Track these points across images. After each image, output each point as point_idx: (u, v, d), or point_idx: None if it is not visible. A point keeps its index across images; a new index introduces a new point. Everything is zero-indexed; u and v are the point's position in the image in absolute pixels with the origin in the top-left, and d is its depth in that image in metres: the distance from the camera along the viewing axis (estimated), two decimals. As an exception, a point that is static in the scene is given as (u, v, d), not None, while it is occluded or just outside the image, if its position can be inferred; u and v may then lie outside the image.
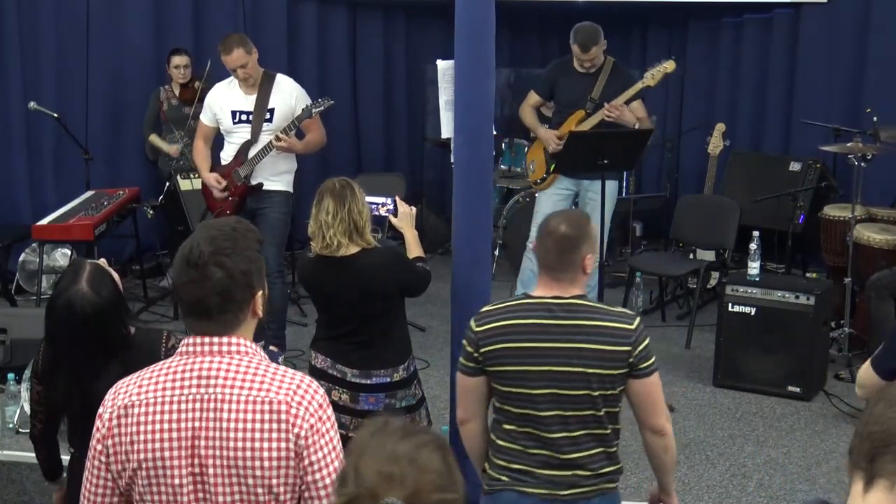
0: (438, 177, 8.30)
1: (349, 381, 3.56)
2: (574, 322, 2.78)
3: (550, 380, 2.77)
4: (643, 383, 2.81)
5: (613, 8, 7.61)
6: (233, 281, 2.04)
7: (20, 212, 7.04)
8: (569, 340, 2.77)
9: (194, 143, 5.81)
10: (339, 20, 8.20)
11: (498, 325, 2.84)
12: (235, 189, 5.52)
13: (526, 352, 2.79)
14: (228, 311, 2.06)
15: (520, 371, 2.80)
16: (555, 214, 2.97)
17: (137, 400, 2.06)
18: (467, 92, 3.79)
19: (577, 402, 2.78)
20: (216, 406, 2.02)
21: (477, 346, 2.86)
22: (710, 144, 6.82)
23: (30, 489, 4.47)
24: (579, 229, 2.84)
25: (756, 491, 4.31)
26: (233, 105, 5.50)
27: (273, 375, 2.05)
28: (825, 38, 7.16)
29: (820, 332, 5.31)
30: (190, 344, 2.08)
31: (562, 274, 2.81)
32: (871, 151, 5.53)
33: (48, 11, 7.05)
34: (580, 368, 2.76)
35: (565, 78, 5.99)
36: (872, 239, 5.69)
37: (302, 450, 2.02)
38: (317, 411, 2.04)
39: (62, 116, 6.61)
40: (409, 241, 3.81)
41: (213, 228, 2.11)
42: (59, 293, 2.76)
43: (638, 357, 2.78)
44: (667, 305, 6.60)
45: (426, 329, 6.14)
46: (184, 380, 2.05)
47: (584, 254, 2.82)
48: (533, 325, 2.80)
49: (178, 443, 2.03)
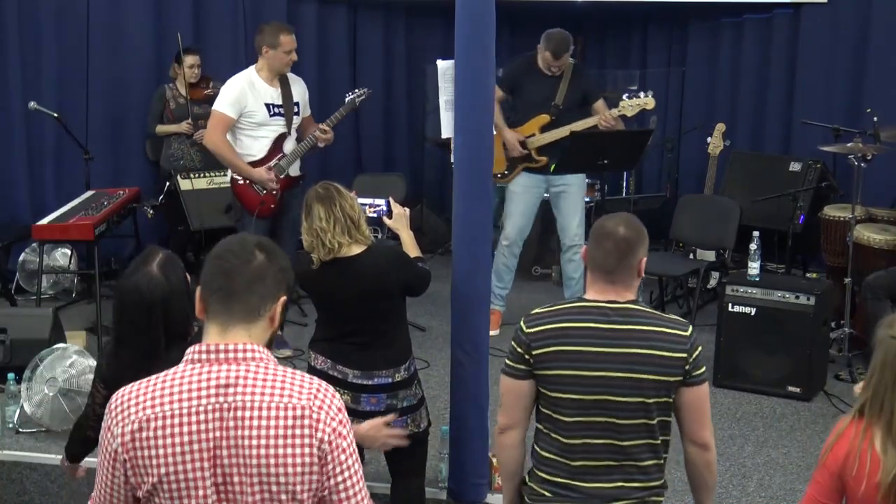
0: (438, 177, 8.31)
1: (350, 382, 3.55)
2: (630, 327, 2.72)
3: (605, 386, 2.70)
4: (695, 391, 2.75)
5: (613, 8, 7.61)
6: (271, 267, 2.08)
7: (20, 212, 7.04)
8: (625, 346, 2.70)
9: (218, 139, 5.49)
10: (340, 20, 8.21)
11: (551, 327, 2.76)
12: (281, 182, 5.57)
13: (581, 356, 2.72)
14: (255, 294, 2.05)
15: (573, 376, 2.72)
16: (610, 217, 2.86)
17: (153, 413, 2.02)
18: (467, 92, 3.80)
19: (630, 409, 2.71)
20: (239, 414, 2.00)
21: (528, 348, 2.77)
22: (710, 144, 6.83)
23: (30, 489, 4.47)
24: (638, 232, 2.78)
25: (756, 491, 4.31)
26: (265, 98, 5.52)
27: (292, 380, 2.05)
28: (825, 38, 7.16)
29: (820, 332, 5.31)
30: (202, 351, 2.06)
31: (618, 278, 2.76)
32: (871, 151, 5.53)
33: (48, 11, 7.04)
34: (636, 374, 2.69)
35: (529, 78, 6.05)
36: (872, 239, 5.69)
37: (326, 454, 2.02)
38: (337, 415, 2.05)
39: (62, 116, 6.61)
40: (406, 242, 3.80)
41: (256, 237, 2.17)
42: (129, 275, 2.81)
43: (693, 364, 2.73)
44: (667, 305, 6.59)
45: (426, 329, 6.14)
46: (201, 389, 2.02)
47: (641, 257, 2.78)
48: (588, 329, 2.73)
49: (200, 454, 2.01)
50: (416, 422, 3.67)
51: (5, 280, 6.66)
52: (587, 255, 2.82)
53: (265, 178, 5.51)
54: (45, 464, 4.45)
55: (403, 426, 3.61)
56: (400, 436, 3.33)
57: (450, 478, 4.08)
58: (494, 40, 3.80)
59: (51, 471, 4.45)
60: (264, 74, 5.55)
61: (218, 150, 5.55)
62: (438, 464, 4.20)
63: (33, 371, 4.69)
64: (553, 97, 5.98)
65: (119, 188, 6.72)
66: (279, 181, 5.54)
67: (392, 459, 3.77)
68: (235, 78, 5.60)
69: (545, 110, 6.00)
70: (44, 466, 4.45)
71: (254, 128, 5.52)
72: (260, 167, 5.53)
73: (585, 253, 2.84)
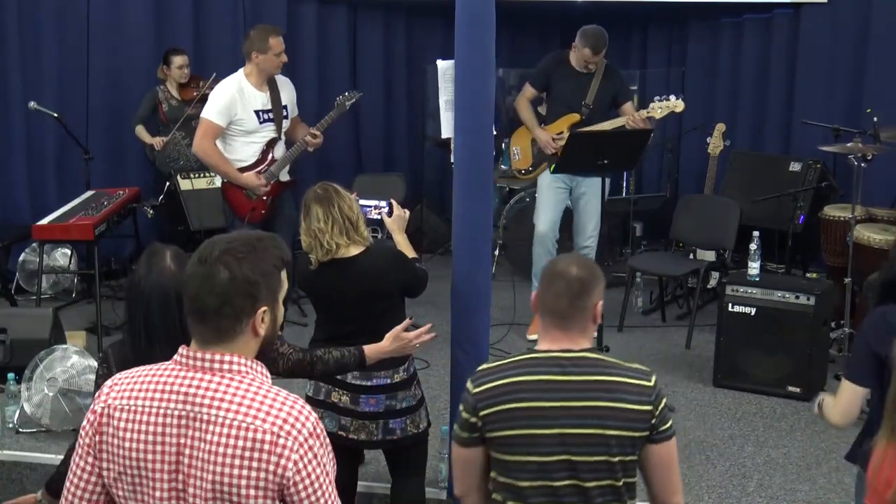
0: (438, 177, 8.30)
1: (349, 383, 3.55)
2: (588, 378, 2.47)
3: (564, 444, 2.45)
4: (663, 448, 2.51)
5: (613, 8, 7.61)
6: (234, 285, 1.98)
7: (20, 212, 7.05)
8: (584, 398, 2.45)
9: (208, 147, 5.49)
10: (340, 20, 8.20)
11: (499, 383, 2.50)
12: (271, 188, 5.53)
13: (535, 412, 2.46)
14: (224, 317, 1.99)
15: (528, 435, 2.46)
16: (562, 257, 2.72)
17: (126, 404, 2.03)
18: (467, 92, 3.79)
19: (595, 469, 2.46)
20: (201, 426, 1.97)
21: (474, 411, 2.51)
22: (710, 144, 6.83)
23: (30, 489, 4.45)
24: (591, 272, 2.55)
25: (756, 491, 4.31)
26: (254, 104, 5.50)
27: (263, 400, 1.97)
28: (825, 38, 7.16)
29: (820, 332, 5.31)
30: (185, 355, 2.04)
31: (571, 323, 2.51)
32: (871, 151, 5.53)
33: (49, 11, 7.05)
34: (598, 430, 2.45)
35: (562, 75, 6.01)
36: (872, 239, 5.69)
37: (289, 482, 1.95)
38: (305, 443, 1.96)
39: (62, 116, 6.62)
40: (400, 244, 3.79)
41: (238, 235, 2.07)
42: (145, 272, 2.67)
43: (660, 419, 2.49)
44: (667, 305, 6.60)
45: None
46: (171, 392, 2.01)
47: (596, 301, 2.54)
48: (541, 382, 2.47)
49: (162, 456, 2.00)
50: (415, 422, 3.66)
51: (5, 280, 6.66)
52: (537, 299, 2.58)
53: (255, 185, 5.49)
54: (45, 464, 4.45)
55: (402, 427, 3.61)
56: (425, 332, 3.23)
57: (450, 478, 4.08)
58: (494, 40, 3.80)
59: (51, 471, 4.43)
60: (253, 79, 5.51)
61: (207, 158, 5.54)
62: (438, 464, 4.21)
63: (33, 371, 4.69)
64: (584, 96, 5.94)
65: (119, 188, 6.72)
66: (269, 187, 5.52)
67: (392, 460, 3.77)
68: (224, 84, 5.57)
69: (576, 109, 5.96)
70: (44, 466, 4.45)
71: (244, 134, 5.52)
72: (250, 173, 5.51)
73: (535, 299, 2.59)
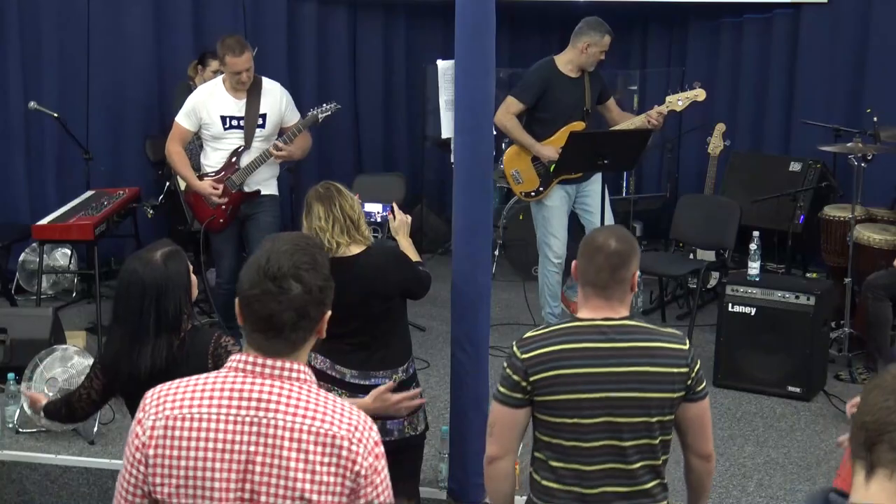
0: (438, 177, 8.30)
1: (348, 382, 3.55)
2: (630, 344, 2.61)
3: (608, 407, 2.59)
4: (699, 406, 2.68)
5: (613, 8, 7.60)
6: (310, 297, 2.00)
7: (20, 212, 7.04)
8: (626, 364, 2.59)
9: (173, 149, 5.45)
10: (340, 20, 8.20)
11: (547, 349, 2.62)
12: (231, 197, 5.46)
13: (580, 378, 2.59)
14: (300, 329, 2.00)
15: (573, 399, 2.60)
16: (600, 230, 2.81)
17: (188, 413, 1.98)
18: (467, 92, 3.80)
19: (634, 430, 2.60)
20: (274, 433, 1.96)
21: (525, 375, 2.62)
22: (710, 144, 6.82)
23: (30, 489, 4.47)
24: (630, 244, 2.66)
25: (756, 491, 4.31)
26: (222, 110, 5.36)
27: (333, 407, 2.00)
28: (825, 38, 7.16)
29: (820, 332, 5.31)
30: (247, 362, 2.01)
31: (612, 293, 2.64)
32: (871, 151, 5.54)
33: (49, 11, 7.05)
34: (639, 394, 2.59)
35: (558, 85, 5.66)
36: (872, 239, 5.69)
37: (360, 487, 1.98)
38: (374, 448, 2.01)
39: (62, 116, 6.61)
40: (405, 248, 3.79)
41: (288, 242, 2.06)
42: (134, 258, 2.89)
43: (696, 379, 2.65)
44: (667, 305, 6.59)
45: (426, 329, 6.14)
46: (241, 399, 1.98)
47: (634, 270, 2.66)
48: (586, 350, 2.61)
49: (229, 464, 1.96)
50: (413, 424, 3.65)
51: (5, 280, 6.65)
52: (577, 270, 2.70)
53: (208, 192, 5.39)
54: (45, 464, 4.45)
55: (399, 428, 3.61)
56: (412, 397, 3.28)
57: (450, 478, 4.08)
58: (494, 40, 3.80)
59: (51, 471, 4.45)
60: (228, 85, 5.38)
61: (169, 158, 5.55)
62: (438, 464, 4.21)
63: (33, 371, 4.69)
64: (583, 102, 5.66)
65: (119, 188, 6.72)
66: (229, 196, 5.44)
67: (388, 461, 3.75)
68: (201, 87, 5.58)
69: (578, 117, 5.66)
70: (44, 466, 4.45)
71: (212, 139, 5.44)
72: (206, 180, 5.42)
73: (575, 269, 2.71)
